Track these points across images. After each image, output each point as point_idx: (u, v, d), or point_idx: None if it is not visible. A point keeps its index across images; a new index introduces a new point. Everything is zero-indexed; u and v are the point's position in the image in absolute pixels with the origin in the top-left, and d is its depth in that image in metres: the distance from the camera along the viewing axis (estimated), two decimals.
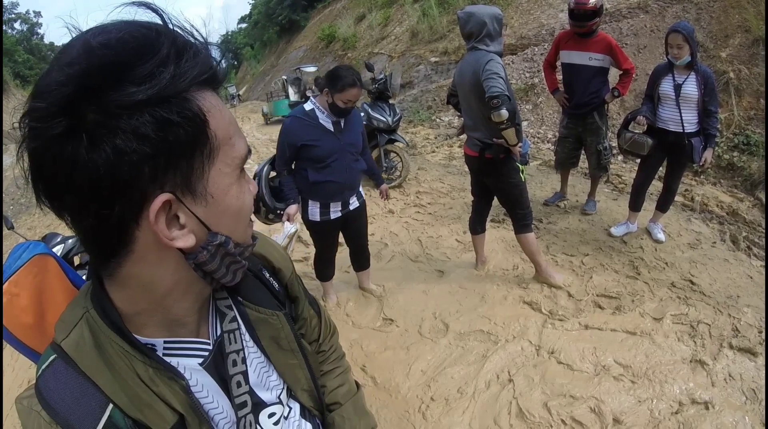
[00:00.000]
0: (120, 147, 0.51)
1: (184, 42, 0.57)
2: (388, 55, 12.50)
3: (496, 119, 2.88)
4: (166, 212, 0.57)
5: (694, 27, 3.64)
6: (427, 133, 8.74)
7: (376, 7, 16.39)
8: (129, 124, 0.51)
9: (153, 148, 0.53)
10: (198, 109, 0.56)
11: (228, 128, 0.62)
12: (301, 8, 25.29)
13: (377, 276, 3.92)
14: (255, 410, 0.79)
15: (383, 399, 2.71)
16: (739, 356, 2.83)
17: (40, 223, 6.49)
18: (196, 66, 0.56)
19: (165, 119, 0.53)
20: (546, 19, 9.16)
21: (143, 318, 0.67)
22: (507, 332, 3.16)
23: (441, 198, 5.61)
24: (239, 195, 0.65)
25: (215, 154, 0.60)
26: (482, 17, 2.99)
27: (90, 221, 0.57)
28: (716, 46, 6.37)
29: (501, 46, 3.07)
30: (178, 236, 0.59)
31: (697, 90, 3.61)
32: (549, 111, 7.60)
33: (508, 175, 3.28)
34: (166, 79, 0.53)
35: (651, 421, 2.44)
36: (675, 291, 3.44)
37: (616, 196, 5.25)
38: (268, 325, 0.85)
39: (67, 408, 0.60)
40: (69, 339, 0.64)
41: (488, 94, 2.87)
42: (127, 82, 0.51)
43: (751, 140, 5.37)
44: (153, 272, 0.63)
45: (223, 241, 0.64)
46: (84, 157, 0.51)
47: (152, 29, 0.55)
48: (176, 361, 0.71)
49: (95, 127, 0.51)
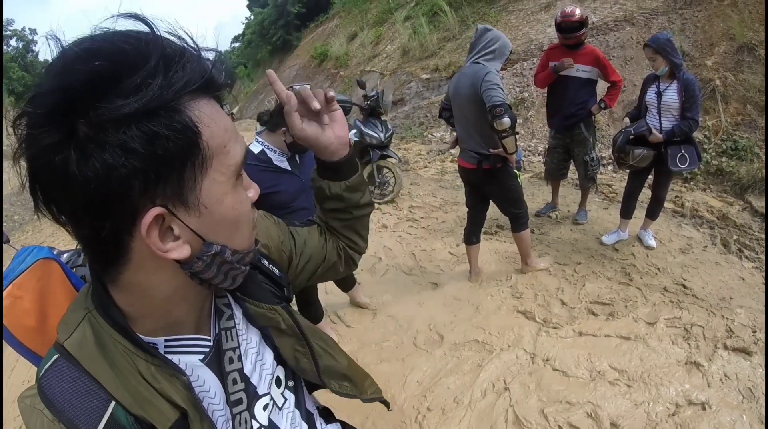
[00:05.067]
0: (108, 162, 0.51)
1: (173, 51, 0.56)
2: (380, 72, 12.62)
3: (499, 128, 2.96)
4: (158, 225, 0.57)
5: (669, 36, 3.68)
6: (419, 149, 8.79)
7: (368, 26, 16.56)
8: (117, 138, 0.51)
9: (142, 163, 0.52)
10: (189, 120, 0.55)
11: (223, 136, 0.61)
12: (294, 28, 25.56)
13: (372, 289, 3.92)
14: (250, 404, 0.80)
15: (380, 410, 2.69)
16: (734, 356, 2.84)
17: (34, 240, 6.48)
18: (185, 75, 0.55)
19: (153, 133, 0.52)
20: (534, 35, 9.28)
21: (144, 319, 0.68)
22: (502, 341, 3.15)
23: (434, 212, 5.63)
24: (235, 204, 0.65)
25: (208, 164, 0.59)
26: (498, 37, 3.17)
27: (86, 231, 0.57)
28: (702, 55, 6.47)
29: (498, 67, 3.18)
30: (172, 248, 0.59)
31: (677, 98, 3.66)
32: (539, 124, 7.67)
33: (507, 181, 3.40)
34: (153, 90, 0.52)
35: (648, 423, 2.44)
36: (668, 295, 3.45)
37: (606, 205, 5.28)
38: (267, 319, 0.86)
39: (70, 406, 0.60)
40: (72, 338, 0.65)
41: (490, 104, 2.96)
42: (115, 95, 0.51)
43: (738, 145, 5.43)
44: (151, 280, 0.64)
45: (218, 250, 0.64)
46: (74, 171, 0.51)
47: (141, 40, 0.54)
48: (177, 357, 0.71)
49: (85, 140, 0.51)
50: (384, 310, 3.65)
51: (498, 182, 3.41)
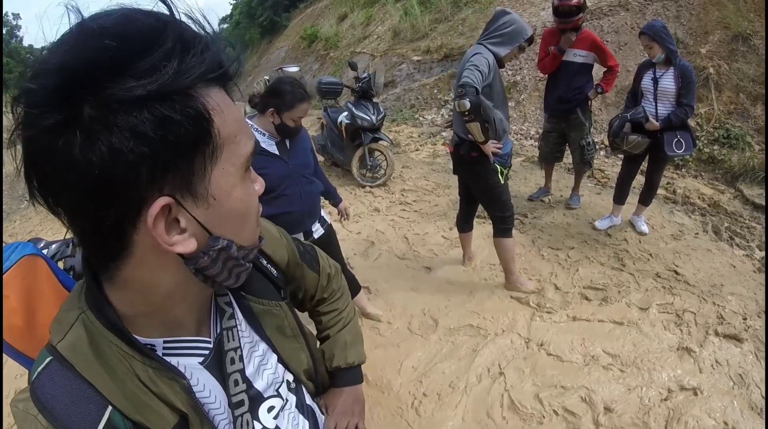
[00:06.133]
0: (116, 146, 0.48)
1: (191, 35, 0.53)
2: (371, 54, 12.46)
3: (458, 109, 2.82)
4: (165, 216, 0.54)
5: (664, 23, 3.70)
6: (410, 131, 8.73)
7: (358, 7, 16.32)
8: (126, 121, 0.48)
9: (151, 148, 0.49)
10: (202, 106, 0.53)
11: (234, 126, 0.58)
12: (282, 8, 25.07)
13: (365, 274, 3.90)
14: (253, 407, 0.78)
15: (376, 396, 2.69)
16: (725, 343, 2.88)
17: (22, 230, 6.34)
18: (203, 62, 0.53)
19: (165, 117, 0.50)
20: (528, 17, 9.19)
21: (142, 319, 0.65)
22: (496, 326, 3.16)
23: (426, 195, 5.61)
24: (243, 196, 0.62)
25: (219, 154, 0.56)
26: (513, 21, 2.98)
27: (86, 223, 0.54)
28: (696, 43, 6.47)
29: (503, 53, 3.00)
30: (178, 241, 0.56)
31: (674, 84, 3.68)
32: (531, 108, 7.65)
33: (484, 175, 3.17)
34: (168, 74, 0.49)
35: (641, 408, 2.47)
36: (660, 281, 3.49)
37: (599, 191, 5.30)
38: (272, 316, 0.85)
39: (65, 411, 0.58)
40: (65, 341, 0.62)
41: (458, 83, 2.86)
42: (127, 76, 0.48)
43: (731, 134, 5.47)
44: (153, 276, 0.61)
45: (225, 245, 0.61)
46: (78, 155, 0.48)
47: (159, 20, 0.52)
48: (176, 360, 0.69)
49: (91, 122, 0.48)
50: (378, 296, 3.64)
51: (475, 173, 3.23)
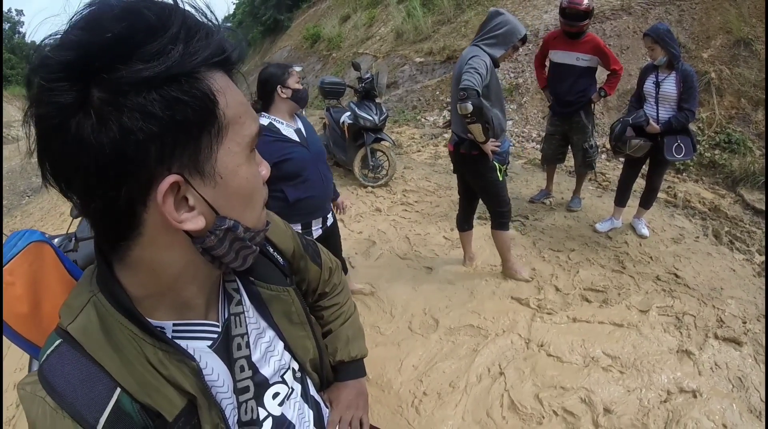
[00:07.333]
0: (126, 125, 0.50)
1: (195, 22, 0.56)
2: (373, 55, 12.46)
3: (461, 112, 2.89)
4: (174, 194, 0.56)
5: (668, 27, 3.69)
6: (412, 132, 8.74)
7: (361, 8, 16.32)
8: (136, 101, 0.50)
9: (160, 127, 0.52)
10: (207, 88, 0.56)
11: (238, 108, 0.61)
12: (285, 8, 25.06)
13: (366, 274, 3.91)
14: (258, 393, 0.78)
15: (376, 395, 2.70)
16: (724, 346, 2.89)
17: (23, 225, 6.36)
18: (208, 47, 0.56)
19: (173, 98, 0.52)
20: (531, 20, 9.21)
21: (153, 301, 0.67)
22: (496, 326, 3.17)
23: (427, 196, 5.62)
24: (249, 176, 0.64)
25: (224, 133, 0.59)
26: (506, 22, 3.03)
27: (98, 203, 0.56)
28: (698, 47, 6.48)
29: (498, 54, 3.05)
30: (187, 218, 0.58)
31: (675, 88, 3.68)
32: (533, 110, 7.66)
33: (484, 173, 3.27)
34: (175, 57, 0.52)
35: (640, 409, 2.48)
36: (660, 284, 3.49)
37: (600, 193, 5.32)
38: (280, 302, 0.85)
39: (73, 392, 0.59)
40: (75, 323, 0.63)
41: (459, 87, 2.90)
42: (136, 59, 0.51)
43: (732, 139, 5.47)
44: (162, 255, 0.62)
45: (231, 225, 0.63)
46: (89, 136, 0.50)
47: (164, 8, 0.54)
48: (185, 343, 0.70)
49: (101, 104, 0.50)
50: (379, 295, 3.65)
51: (474, 170, 3.33)
